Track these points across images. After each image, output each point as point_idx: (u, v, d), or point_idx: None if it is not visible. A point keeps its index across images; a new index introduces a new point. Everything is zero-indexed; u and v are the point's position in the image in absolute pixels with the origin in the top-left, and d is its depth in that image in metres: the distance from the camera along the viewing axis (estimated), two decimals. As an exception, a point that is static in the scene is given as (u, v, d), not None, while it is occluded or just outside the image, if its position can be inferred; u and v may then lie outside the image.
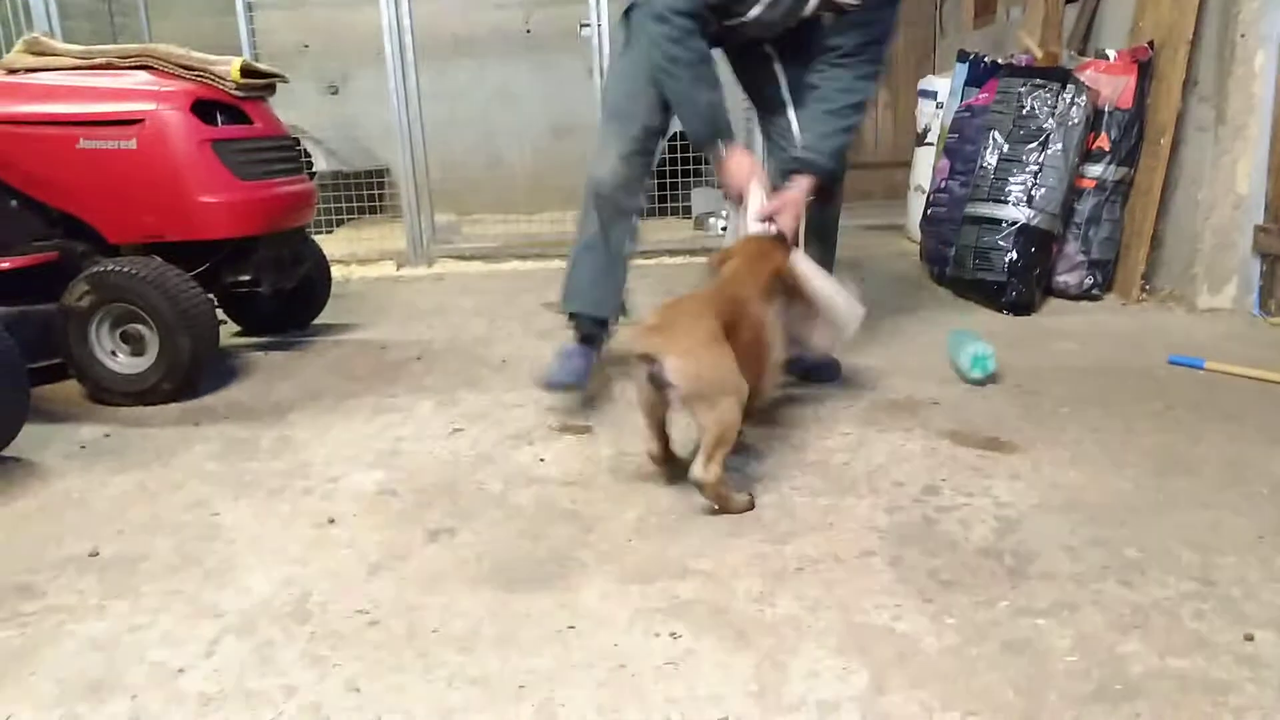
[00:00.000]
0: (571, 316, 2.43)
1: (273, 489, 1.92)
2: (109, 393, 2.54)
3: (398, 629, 1.37)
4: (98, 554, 1.65)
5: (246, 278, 2.83)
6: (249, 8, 4.79)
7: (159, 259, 2.57)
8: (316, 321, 3.39)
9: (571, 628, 1.36)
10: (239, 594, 1.49)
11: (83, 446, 2.22)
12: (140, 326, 2.53)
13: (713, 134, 2.14)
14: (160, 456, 2.13)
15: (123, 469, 2.06)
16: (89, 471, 2.05)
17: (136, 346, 2.55)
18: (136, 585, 1.53)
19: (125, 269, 2.48)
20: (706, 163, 4.32)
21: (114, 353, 2.56)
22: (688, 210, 5.52)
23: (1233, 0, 2.93)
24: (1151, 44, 3.24)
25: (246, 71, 2.74)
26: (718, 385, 1.64)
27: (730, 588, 1.45)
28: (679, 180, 5.06)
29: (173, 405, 2.51)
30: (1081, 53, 3.67)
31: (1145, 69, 3.24)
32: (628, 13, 2.34)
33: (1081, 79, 3.25)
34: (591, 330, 2.40)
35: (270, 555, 1.62)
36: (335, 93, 6.36)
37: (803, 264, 2.05)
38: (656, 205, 4.95)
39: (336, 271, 3.87)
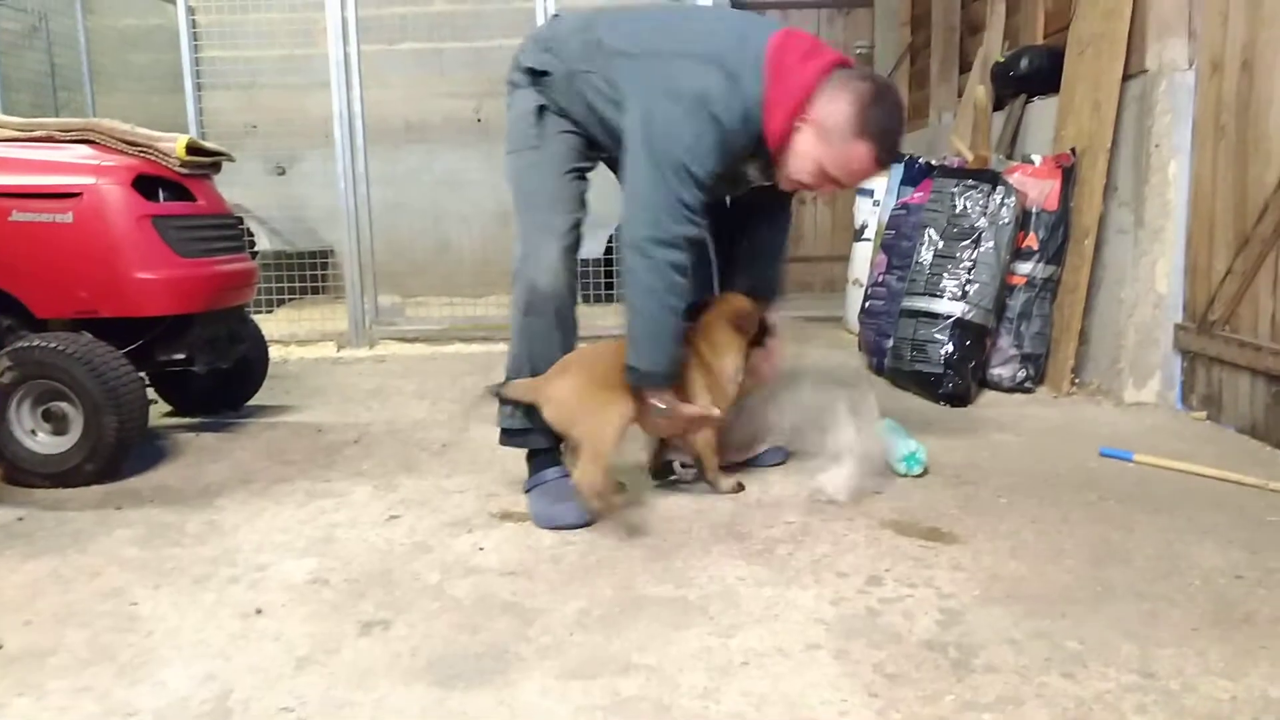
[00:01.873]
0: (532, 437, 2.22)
1: (197, 577, 1.83)
2: (26, 473, 2.43)
3: (325, 728, 1.31)
4: (2, 647, 1.55)
5: (181, 356, 2.76)
6: (198, 87, 4.79)
7: (88, 335, 2.49)
8: (252, 402, 3.30)
9: (509, 726, 1.30)
10: (154, 690, 1.41)
11: (-6, 530, 2.11)
12: (64, 405, 2.44)
13: (672, 372, 2.10)
14: (77, 542, 2.03)
15: (35, 555, 1.96)
16: (-2, 557, 1.94)
17: (59, 425, 2.45)
18: (43, 681, 1.44)
19: (51, 344, 2.40)
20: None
21: (34, 431, 2.46)
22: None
23: (1146, 112, 3.11)
24: (1074, 151, 3.42)
25: (192, 149, 2.72)
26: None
27: (674, 683, 1.41)
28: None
29: (94, 488, 2.41)
30: (1009, 157, 3.85)
31: (1069, 174, 3.40)
32: (541, 110, 2.18)
33: (1010, 181, 3.40)
34: (552, 444, 2.22)
35: (191, 648, 1.54)
36: (282, 174, 6.35)
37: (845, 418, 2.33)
38: (604, 291, 4.98)
39: (275, 352, 3.81)
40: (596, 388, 2.08)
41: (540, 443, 2.21)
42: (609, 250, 4.66)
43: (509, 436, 2.25)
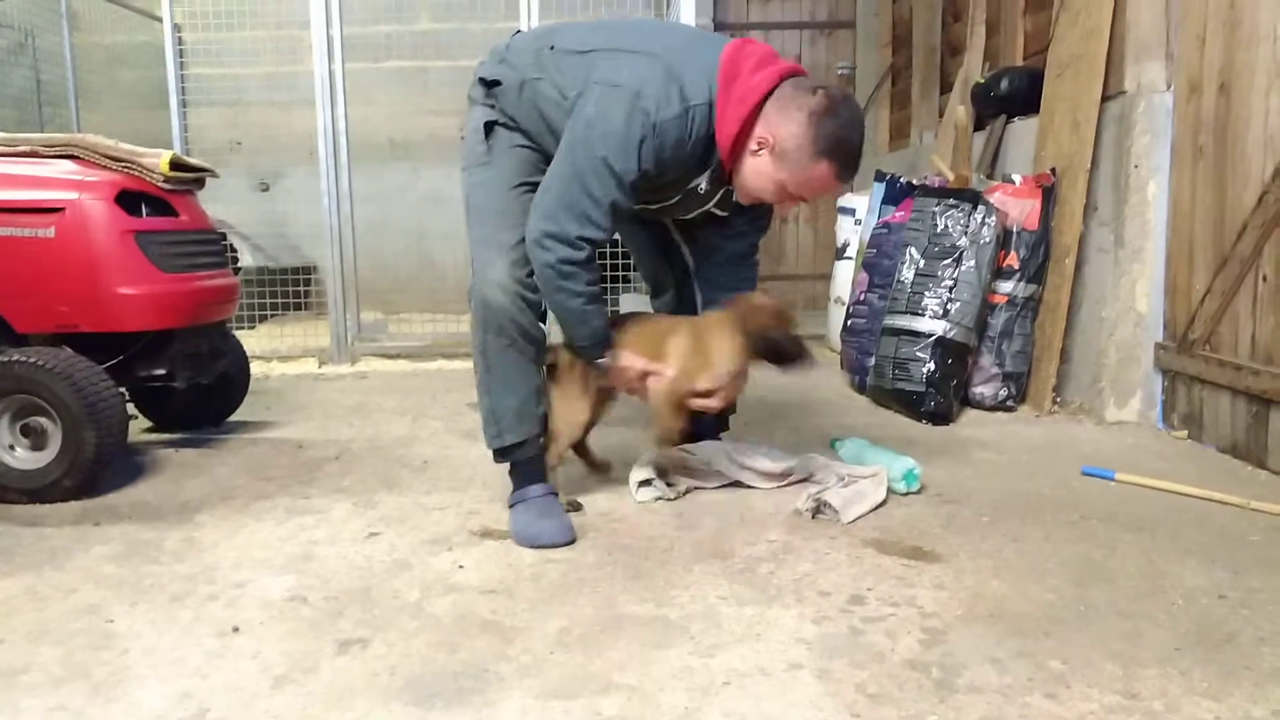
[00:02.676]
0: (507, 453, 2.21)
1: (174, 594, 1.81)
2: (3, 489, 2.40)
3: (302, 748, 1.29)
4: (-26, 666, 1.53)
5: (161, 371, 2.74)
6: (183, 104, 4.78)
7: (69, 349, 2.47)
8: (233, 418, 3.28)
9: (489, 746, 1.29)
10: (129, 709, 1.39)
11: (-33, 548, 2.08)
12: (42, 419, 2.41)
13: (602, 347, 2.17)
14: (54, 558, 2.00)
15: (10, 572, 1.93)
16: (-28, 575, 1.91)
17: (37, 440, 2.43)
18: (15, 700, 1.42)
19: (30, 359, 2.38)
20: (634, 269, 4.39)
21: (11, 446, 2.44)
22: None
23: (1125, 133, 3.15)
24: (1054, 171, 3.45)
25: (176, 165, 2.71)
26: None
27: (656, 703, 1.40)
28: (607, 286, 5.13)
29: (72, 504, 2.38)
30: (990, 176, 3.88)
31: (1049, 193, 3.43)
32: (490, 126, 2.18)
33: (991, 201, 3.43)
34: (533, 455, 2.20)
35: (167, 666, 1.52)
36: (266, 190, 6.34)
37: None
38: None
39: (256, 368, 3.78)
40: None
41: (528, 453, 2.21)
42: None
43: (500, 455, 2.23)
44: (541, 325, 2.19)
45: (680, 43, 2.08)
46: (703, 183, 2.13)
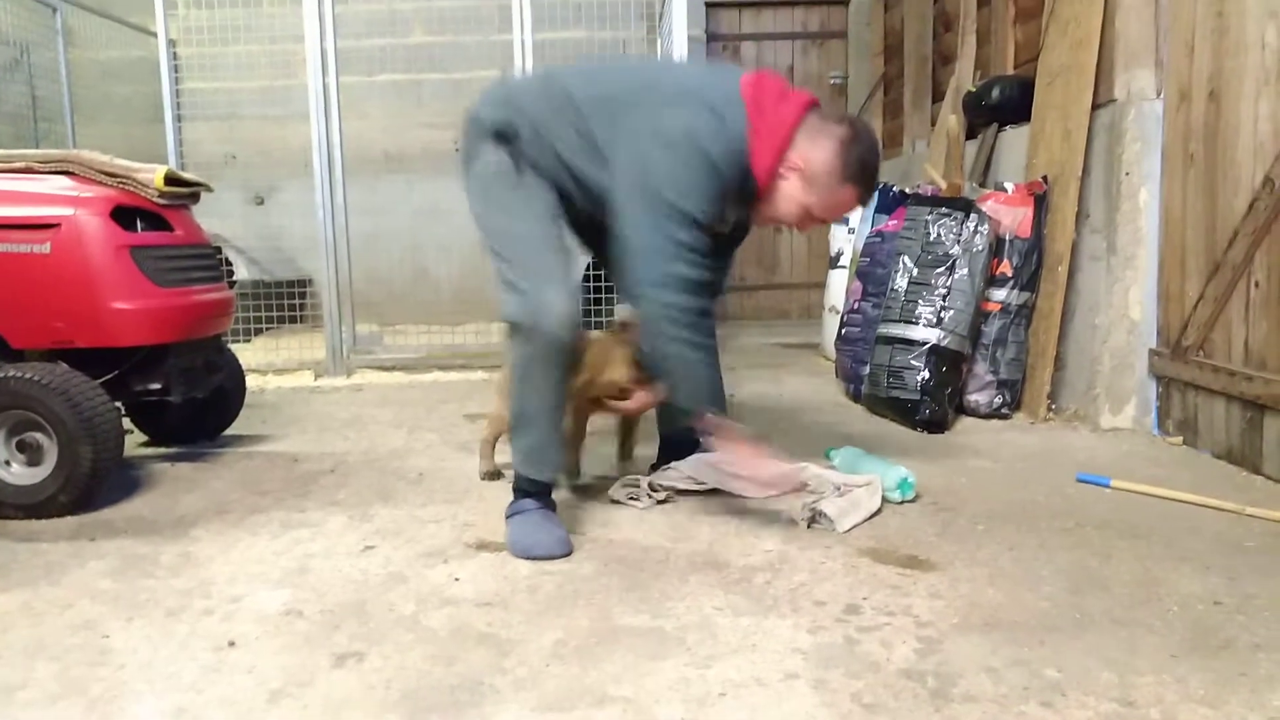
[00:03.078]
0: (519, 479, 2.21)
1: (170, 609, 1.81)
2: (-2, 505, 2.40)
3: (298, 763, 1.29)
4: (-31, 683, 1.52)
5: (157, 386, 2.74)
6: (178, 118, 4.80)
7: (64, 365, 2.48)
8: (228, 432, 3.28)
9: (485, 759, 1.29)
10: (124, 727, 1.39)
11: (-38, 564, 2.08)
12: (38, 435, 2.41)
13: (711, 401, 2.21)
14: (50, 574, 2.00)
15: (6, 588, 1.93)
16: (-33, 592, 1.91)
17: (33, 456, 2.42)
18: (12, 716, 1.41)
19: (26, 375, 2.38)
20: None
21: (7, 462, 2.43)
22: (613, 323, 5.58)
23: (1116, 141, 3.17)
24: (1045, 178, 3.46)
25: (170, 179, 2.72)
26: None
27: (652, 715, 1.40)
28: (603, 294, 5.13)
29: (68, 519, 2.38)
30: (982, 184, 3.90)
31: (1041, 201, 3.45)
32: (518, 163, 2.16)
33: (984, 209, 3.44)
34: (536, 491, 2.18)
35: (163, 682, 1.52)
36: (261, 203, 6.35)
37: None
38: (581, 320, 5.01)
39: (252, 381, 3.79)
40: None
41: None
42: (584, 276, 4.67)
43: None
44: None
45: (703, 80, 2.14)
46: (730, 209, 2.18)
